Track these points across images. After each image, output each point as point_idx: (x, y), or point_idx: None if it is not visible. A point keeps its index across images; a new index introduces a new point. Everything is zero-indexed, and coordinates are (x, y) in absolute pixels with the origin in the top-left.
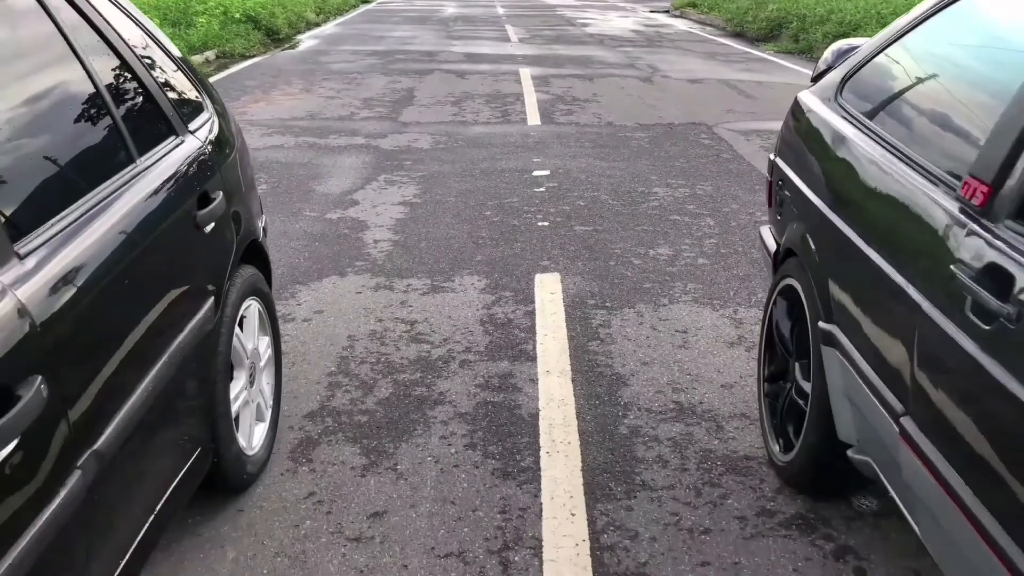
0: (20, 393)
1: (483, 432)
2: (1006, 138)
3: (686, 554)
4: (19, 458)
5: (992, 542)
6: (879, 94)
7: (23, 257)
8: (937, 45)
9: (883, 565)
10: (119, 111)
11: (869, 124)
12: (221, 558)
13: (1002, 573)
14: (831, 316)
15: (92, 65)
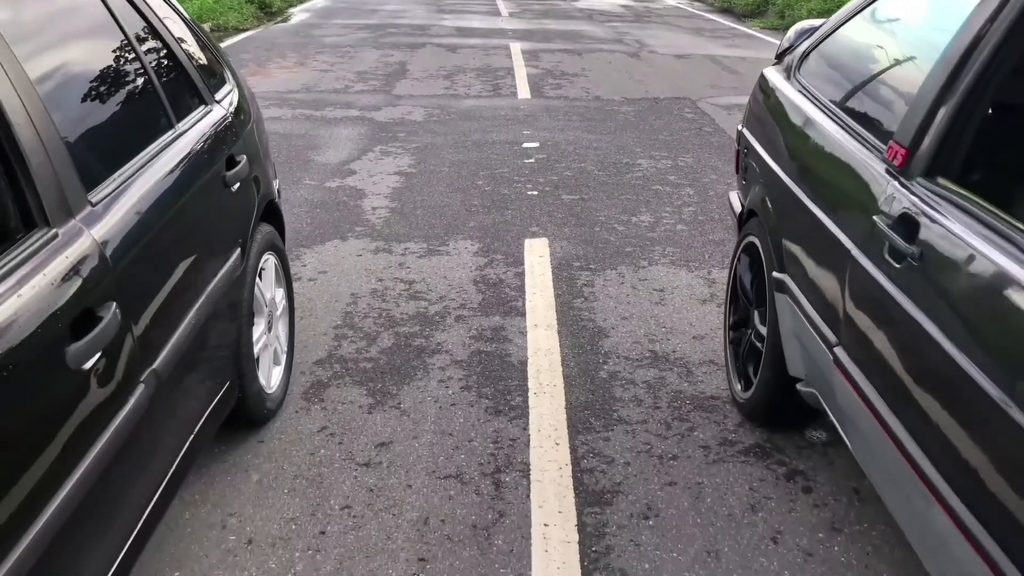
0: (101, 315)
1: (477, 376)
2: (921, 108)
3: (655, 476)
4: (102, 367)
5: (904, 450)
6: (829, 71)
7: (95, 204)
8: (878, 27)
9: (828, 485)
10: (160, 83)
11: (820, 97)
12: (246, 480)
13: (911, 476)
14: (783, 266)
15: (136, 43)
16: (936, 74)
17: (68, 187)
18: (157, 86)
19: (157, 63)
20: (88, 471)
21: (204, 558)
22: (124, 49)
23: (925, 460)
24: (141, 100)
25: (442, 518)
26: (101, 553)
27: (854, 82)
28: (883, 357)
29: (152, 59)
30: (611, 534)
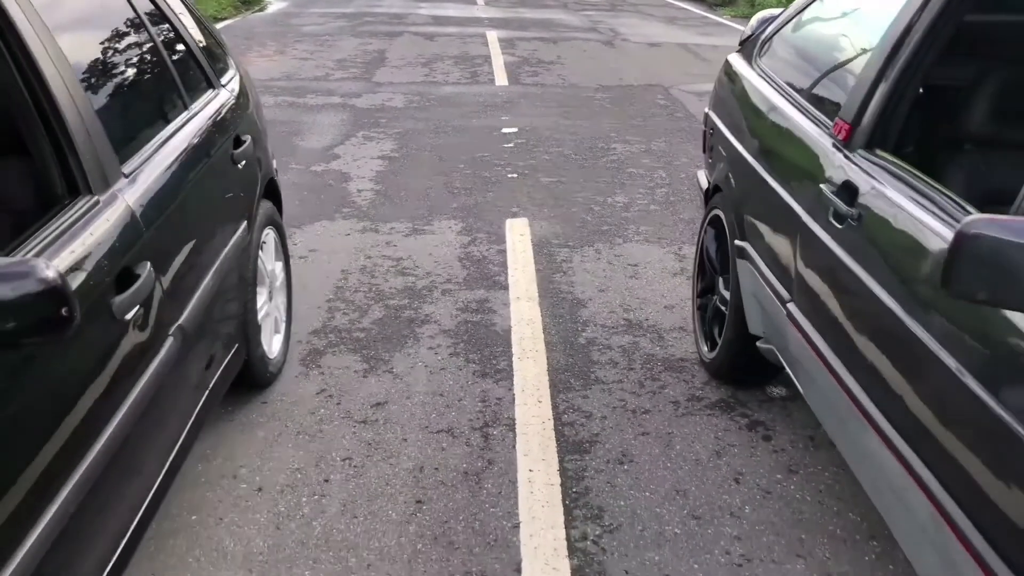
0: (138, 272)
1: (464, 344)
2: (862, 88)
3: (629, 427)
4: (140, 318)
5: (849, 392)
6: (785, 56)
7: (127, 175)
8: (828, 17)
9: (786, 433)
10: (175, 68)
11: (777, 80)
12: (252, 436)
13: (856, 414)
14: (744, 235)
15: (154, 31)
16: (874, 58)
17: (105, 160)
18: (173, 71)
19: (172, 50)
20: (132, 408)
21: (219, 504)
22: (144, 37)
23: (867, 400)
24: (160, 83)
25: (436, 466)
26: (141, 482)
27: (807, 66)
28: (828, 309)
29: (167, 46)
30: (589, 477)
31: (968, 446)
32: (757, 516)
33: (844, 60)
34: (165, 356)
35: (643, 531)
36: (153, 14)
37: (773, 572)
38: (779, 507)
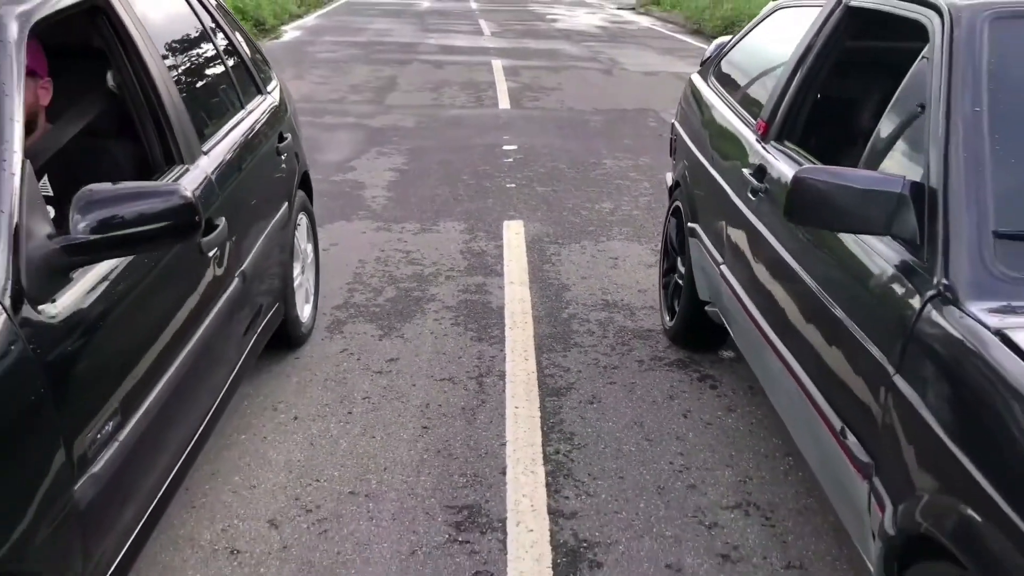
0: (216, 223)
1: (464, 317)
2: (775, 95)
3: (600, 378)
4: (217, 258)
5: (755, 322)
6: (730, 73)
7: (205, 152)
8: (761, 42)
9: (729, 384)
10: (234, 74)
11: (723, 92)
12: (288, 381)
13: (760, 338)
14: (695, 218)
15: (219, 45)
16: (784, 73)
17: (191, 141)
18: (232, 77)
19: (231, 61)
20: (211, 322)
21: (262, 428)
22: (211, 49)
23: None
24: (223, 86)
25: (439, 404)
26: (211, 388)
27: (743, 80)
28: (744, 262)
29: (228, 57)
30: (564, 412)
31: (823, 345)
32: (698, 440)
33: (766, 75)
34: (232, 291)
35: (605, 448)
36: (215, 30)
37: (706, 475)
38: (717, 434)
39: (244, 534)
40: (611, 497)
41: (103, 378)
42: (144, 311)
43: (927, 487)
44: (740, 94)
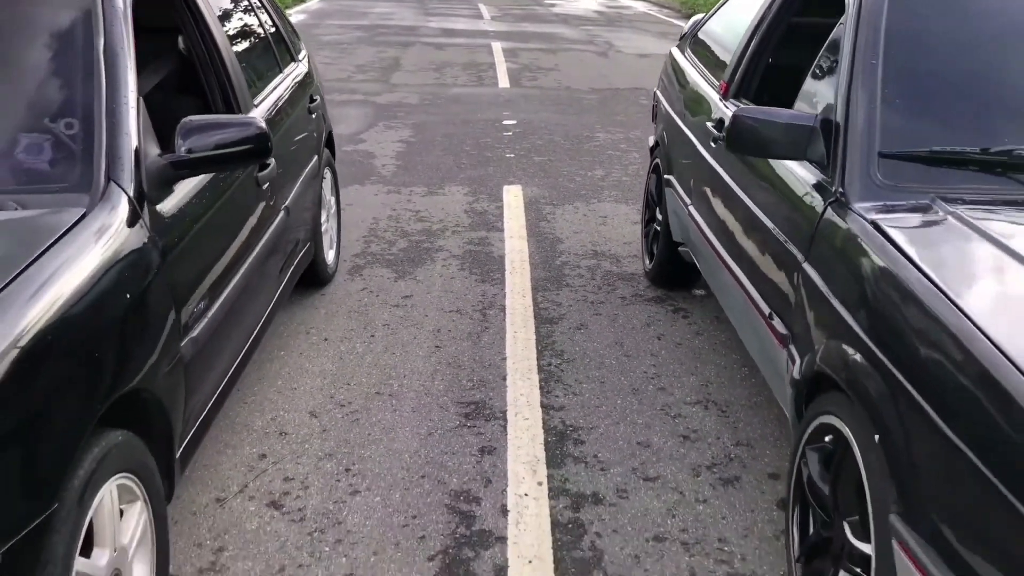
0: (269, 162)
1: (469, 263)
2: (734, 60)
3: (588, 310)
4: (269, 191)
5: (714, 247)
6: (702, 44)
7: (256, 105)
8: (727, 18)
9: (699, 314)
10: (273, 43)
11: (695, 60)
12: (317, 312)
13: (719, 264)
14: (671, 171)
15: (262, 18)
16: (740, 43)
17: (246, 96)
18: (273, 45)
19: (272, 31)
20: (264, 243)
21: (298, 346)
22: (256, 21)
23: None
24: (266, 52)
25: (449, 329)
26: (262, 301)
27: (712, 50)
28: (706, 200)
29: (269, 28)
30: (556, 335)
31: (758, 252)
32: (669, 356)
33: (730, 44)
34: (279, 221)
35: (590, 361)
36: (258, 6)
37: (674, 381)
38: (685, 351)
39: (289, 422)
40: (593, 396)
41: (195, 266)
42: (223, 221)
43: (822, 340)
44: (708, 62)
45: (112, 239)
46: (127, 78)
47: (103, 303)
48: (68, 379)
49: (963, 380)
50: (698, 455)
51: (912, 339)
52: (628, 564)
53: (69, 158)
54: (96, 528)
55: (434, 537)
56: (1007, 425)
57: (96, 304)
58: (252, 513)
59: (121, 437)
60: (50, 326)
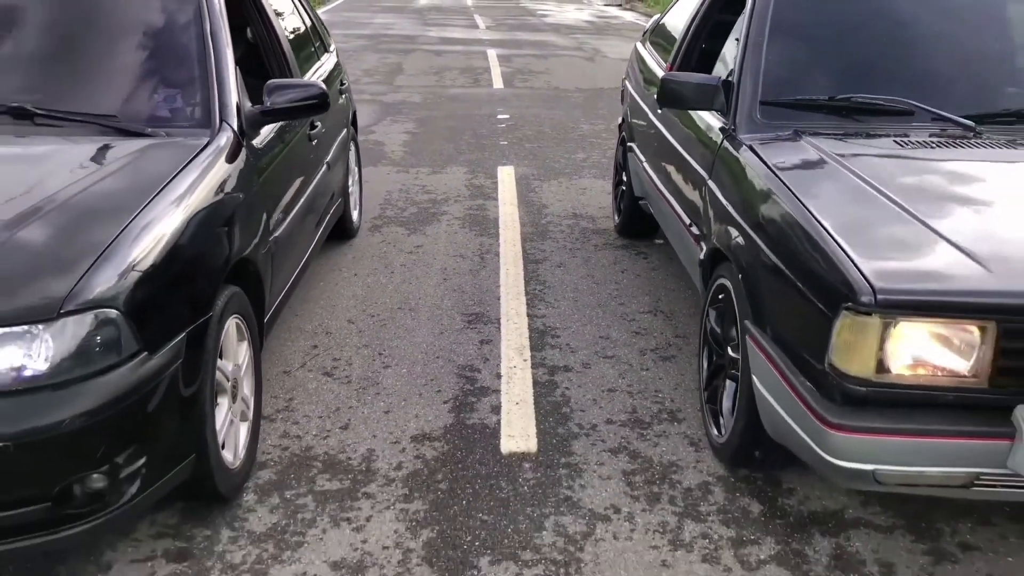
0: (316, 124)
1: (468, 223)
2: (678, 48)
3: (566, 254)
4: (317, 145)
5: (657, 187)
6: (657, 37)
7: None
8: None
9: (657, 256)
10: (314, 37)
11: (652, 49)
12: (345, 257)
13: (659, 195)
14: (632, 139)
15: (303, 15)
16: (681, 34)
17: (297, 73)
18: (311, 36)
19: (311, 27)
20: (314, 186)
21: (333, 280)
22: (299, 18)
23: (662, 185)
24: (308, 41)
25: (453, 268)
26: (307, 237)
27: (663, 40)
28: (653, 152)
29: (309, 25)
30: (540, 271)
31: (682, 181)
32: (629, 283)
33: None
34: (323, 172)
35: (566, 288)
36: (301, 5)
37: (632, 299)
38: (643, 280)
39: (332, 325)
40: (568, 309)
41: (274, 187)
42: (289, 160)
43: (716, 227)
44: (660, 50)
45: (226, 158)
46: (227, 53)
47: (226, 196)
48: (215, 237)
49: (792, 236)
50: (645, 343)
51: (767, 215)
52: (588, 404)
53: (195, 106)
54: (224, 346)
55: (447, 391)
56: (816, 256)
57: (223, 196)
58: (311, 379)
59: (237, 290)
60: (198, 207)
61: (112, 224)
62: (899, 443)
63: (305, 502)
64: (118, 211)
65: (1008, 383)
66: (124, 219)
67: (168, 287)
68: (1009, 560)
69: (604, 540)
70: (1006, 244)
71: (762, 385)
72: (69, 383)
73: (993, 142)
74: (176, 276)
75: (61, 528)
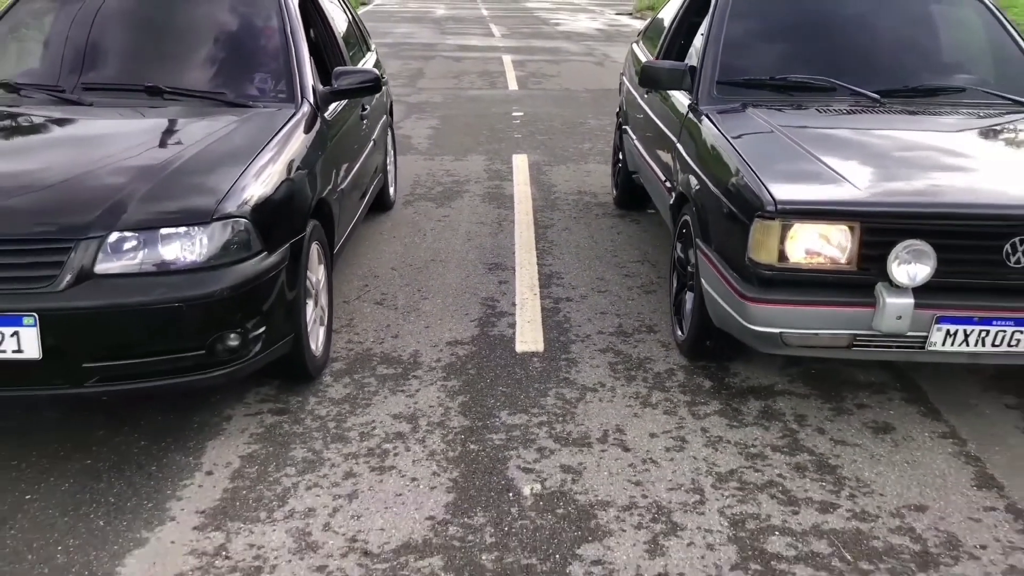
0: (366, 106)
1: (488, 198)
2: (661, 42)
3: (571, 221)
4: (367, 124)
5: (644, 158)
6: (649, 35)
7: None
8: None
9: (648, 224)
10: (360, 37)
11: (643, 47)
12: (384, 224)
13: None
14: (627, 123)
15: (351, 17)
16: (665, 33)
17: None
18: (359, 35)
19: (358, 28)
20: (366, 154)
21: (375, 241)
22: (348, 20)
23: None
24: (357, 41)
25: (476, 232)
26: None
27: (652, 38)
28: (641, 129)
29: (356, 28)
30: (549, 233)
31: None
32: (623, 241)
33: (651, 36)
34: (371, 147)
35: (569, 245)
36: (348, 11)
37: (624, 252)
38: (635, 240)
39: (379, 272)
40: (571, 259)
41: (339, 151)
42: (348, 132)
43: (681, 177)
44: (649, 46)
45: (307, 125)
46: (304, 47)
47: (310, 151)
48: (305, 179)
49: (729, 174)
50: (632, 282)
51: (713, 163)
52: (584, 321)
53: (283, 86)
54: (311, 262)
55: (473, 314)
56: (742, 185)
57: (308, 151)
58: (365, 307)
59: (317, 223)
60: (292, 156)
61: (239, 163)
62: (796, 311)
63: (370, 381)
64: (241, 155)
65: (871, 267)
66: (246, 160)
67: (278, 210)
68: (890, 412)
69: (592, 402)
70: (875, 172)
71: (707, 284)
72: (217, 267)
73: (891, 110)
74: (282, 203)
75: (210, 370)
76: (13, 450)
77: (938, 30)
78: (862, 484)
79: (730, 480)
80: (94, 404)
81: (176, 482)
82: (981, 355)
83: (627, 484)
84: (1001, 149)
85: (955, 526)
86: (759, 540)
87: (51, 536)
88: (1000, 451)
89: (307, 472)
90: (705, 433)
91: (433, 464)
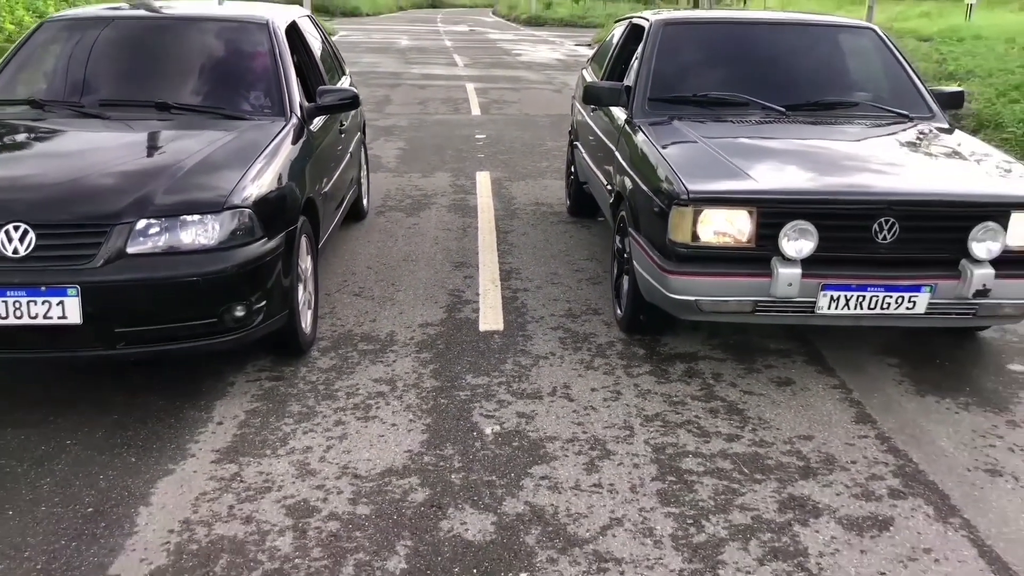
0: (345, 123)
1: (454, 209)
2: (605, 67)
3: (528, 227)
4: (344, 138)
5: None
6: (596, 61)
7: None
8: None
9: (597, 230)
10: (336, 63)
11: (591, 71)
12: (358, 231)
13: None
14: (577, 139)
15: (328, 46)
16: (608, 58)
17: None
18: (335, 62)
19: (333, 53)
20: (344, 164)
21: (352, 245)
22: (326, 47)
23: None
24: (335, 67)
25: (443, 236)
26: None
27: (598, 62)
28: (590, 144)
29: (332, 53)
30: (509, 237)
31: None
32: (574, 243)
33: (597, 61)
34: (347, 158)
35: (527, 246)
36: (326, 40)
37: (575, 253)
38: (585, 243)
39: (355, 270)
40: (528, 258)
41: (322, 159)
42: (329, 144)
43: (618, 179)
44: (596, 70)
45: (295, 135)
46: (291, 69)
47: (299, 157)
48: (296, 180)
49: (654, 173)
50: (582, 275)
51: (643, 164)
52: (538, 307)
53: (274, 102)
54: (300, 251)
55: (441, 301)
56: (663, 181)
57: (297, 157)
58: (345, 297)
59: (305, 218)
60: (286, 160)
61: (241, 165)
62: (708, 281)
63: (352, 355)
64: (242, 159)
65: (766, 244)
66: (246, 163)
67: (275, 204)
68: (793, 370)
69: (544, 367)
70: (772, 168)
71: (638, 264)
72: (227, 249)
73: (794, 120)
74: (278, 198)
75: (220, 336)
76: (48, 409)
77: (838, 56)
78: (763, 422)
79: (655, 420)
80: (112, 380)
81: (193, 430)
82: (862, 317)
83: (571, 424)
84: (880, 150)
85: (834, 448)
86: (675, 461)
87: (92, 469)
88: (878, 397)
89: (303, 421)
90: (637, 387)
91: (410, 414)
